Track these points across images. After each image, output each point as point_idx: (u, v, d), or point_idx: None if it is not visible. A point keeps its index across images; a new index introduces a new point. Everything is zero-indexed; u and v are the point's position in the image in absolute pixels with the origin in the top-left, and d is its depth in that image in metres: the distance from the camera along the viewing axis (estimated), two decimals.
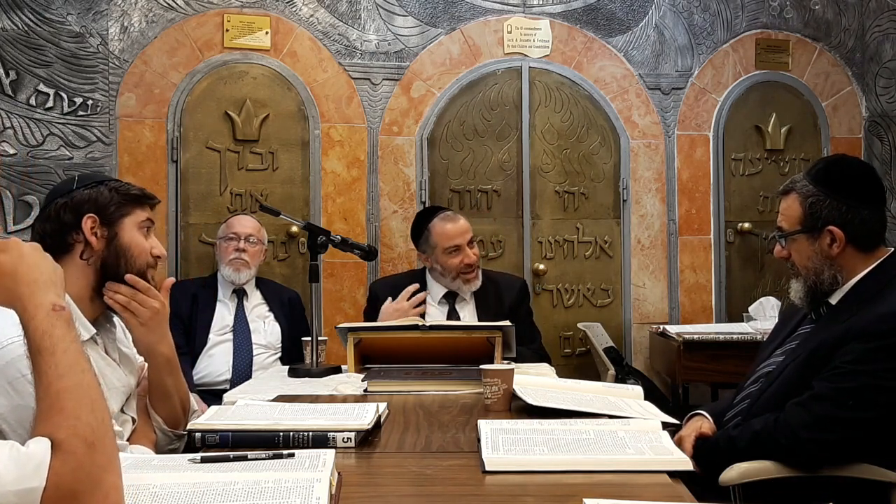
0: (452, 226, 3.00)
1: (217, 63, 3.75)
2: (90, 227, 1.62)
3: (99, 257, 1.63)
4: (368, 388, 2.16)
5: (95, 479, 0.95)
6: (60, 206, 1.63)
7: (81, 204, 1.63)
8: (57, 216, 1.62)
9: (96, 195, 1.65)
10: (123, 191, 1.69)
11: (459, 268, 2.96)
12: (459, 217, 3.07)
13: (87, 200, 1.64)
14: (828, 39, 4.19)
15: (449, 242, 2.96)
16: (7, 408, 1.32)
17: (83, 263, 1.62)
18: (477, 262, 3.00)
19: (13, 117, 3.53)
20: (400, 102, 3.91)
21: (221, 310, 3.28)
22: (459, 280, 2.97)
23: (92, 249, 1.62)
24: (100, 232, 1.63)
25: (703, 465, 1.77)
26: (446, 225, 3.01)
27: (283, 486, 1.11)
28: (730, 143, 4.11)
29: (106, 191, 1.66)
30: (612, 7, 4.06)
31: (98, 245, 1.62)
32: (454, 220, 3.03)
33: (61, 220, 1.62)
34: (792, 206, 1.92)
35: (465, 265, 2.96)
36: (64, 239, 1.61)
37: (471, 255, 2.96)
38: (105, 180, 1.70)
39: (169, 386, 1.74)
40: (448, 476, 1.38)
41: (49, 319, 1.05)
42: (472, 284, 2.99)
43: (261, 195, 3.75)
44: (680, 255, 4.07)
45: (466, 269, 2.96)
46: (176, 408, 1.76)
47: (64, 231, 1.62)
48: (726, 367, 3.34)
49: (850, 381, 1.71)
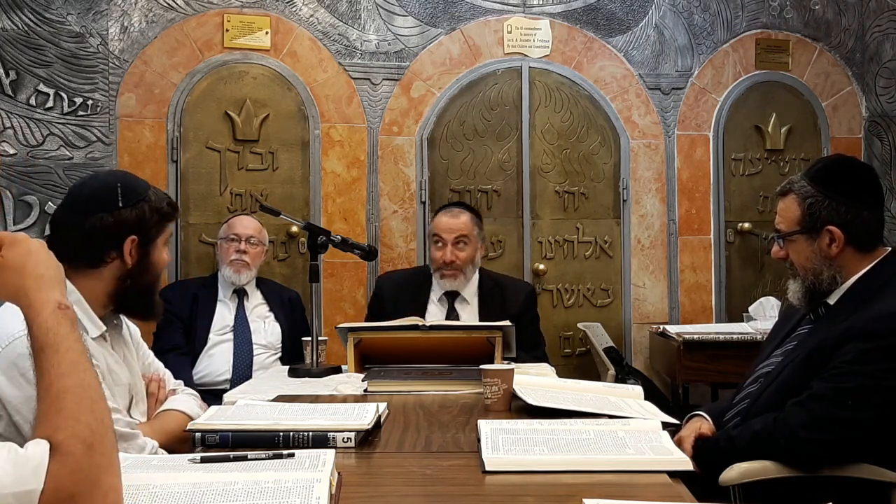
0: (445, 219, 3.01)
1: (217, 63, 3.75)
2: (129, 249, 1.62)
3: (127, 274, 1.64)
4: (368, 388, 2.16)
5: (94, 480, 0.95)
6: (107, 224, 1.60)
7: (127, 225, 1.62)
8: (99, 233, 1.60)
9: (141, 216, 1.63)
10: (161, 209, 1.68)
11: (438, 262, 2.97)
12: (461, 214, 3.03)
13: (133, 222, 1.62)
14: (828, 39, 4.19)
15: (434, 231, 3.01)
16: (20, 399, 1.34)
17: (110, 276, 1.62)
18: (455, 263, 2.94)
19: (13, 117, 3.53)
20: (400, 102, 3.91)
21: (222, 310, 3.28)
22: (438, 275, 2.97)
23: (124, 266, 1.63)
24: (136, 251, 1.64)
25: (703, 465, 1.77)
26: (442, 216, 3.04)
27: (282, 486, 1.11)
28: (730, 143, 4.11)
29: (148, 209, 1.65)
30: (612, 7, 4.06)
31: (130, 262, 1.63)
32: (450, 214, 3.03)
33: (103, 238, 1.60)
34: (790, 207, 1.92)
35: (444, 262, 2.95)
36: (100, 255, 1.61)
37: (448, 254, 2.94)
38: (145, 195, 1.66)
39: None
40: (448, 476, 1.38)
41: (54, 317, 1.05)
42: (448, 283, 2.97)
43: (261, 195, 3.75)
44: (680, 255, 4.07)
45: (443, 266, 2.95)
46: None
47: (103, 248, 1.61)
48: (726, 367, 3.34)
49: (849, 381, 1.71)
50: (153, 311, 1.73)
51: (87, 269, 1.60)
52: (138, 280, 1.65)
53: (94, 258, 1.60)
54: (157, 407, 1.81)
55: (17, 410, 1.37)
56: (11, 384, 1.39)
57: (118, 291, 1.64)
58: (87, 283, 1.60)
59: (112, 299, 1.65)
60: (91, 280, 1.61)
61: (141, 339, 1.88)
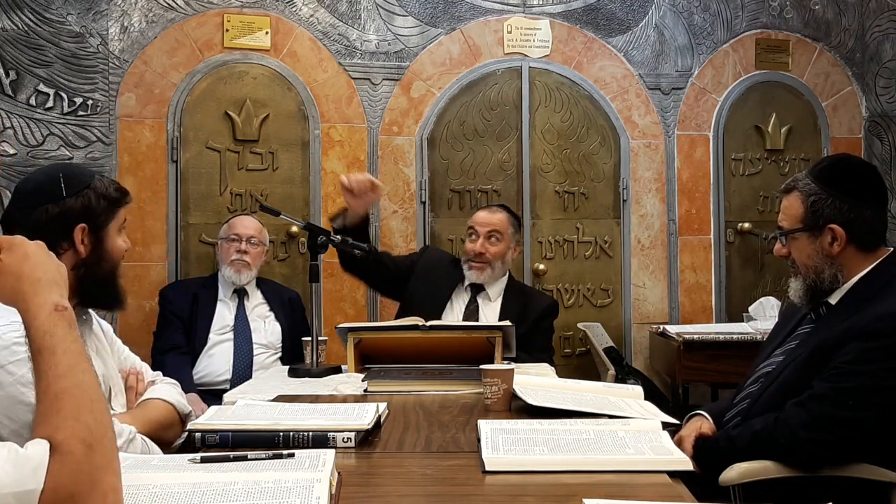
0: (482, 213, 3.14)
1: (217, 63, 3.75)
2: (80, 238, 1.61)
3: (82, 262, 1.62)
4: (368, 388, 2.16)
5: (94, 480, 0.95)
6: (53, 215, 1.59)
7: (73, 213, 1.61)
8: (46, 224, 1.59)
9: (87, 203, 1.62)
10: (108, 195, 1.66)
11: (469, 253, 3.04)
12: (499, 212, 3.14)
13: (79, 210, 1.61)
14: (828, 39, 4.19)
15: (470, 223, 3.12)
16: None
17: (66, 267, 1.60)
18: (485, 255, 3.02)
19: (13, 117, 3.53)
20: (400, 102, 3.91)
21: (222, 309, 3.28)
22: (466, 266, 3.04)
23: (78, 256, 1.62)
24: (87, 239, 1.63)
25: (703, 465, 1.77)
26: (480, 212, 3.17)
27: (282, 486, 1.11)
28: (730, 143, 4.11)
29: (93, 196, 1.63)
30: (612, 7, 4.06)
31: (84, 251, 1.62)
32: (489, 210, 3.16)
33: (50, 228, 1.58)
34: (793, 205, 1.92)
35: (473, 251, 3.03)
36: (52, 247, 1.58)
37: (479, 245, 3.03)
38: (90, 183, 1.65)
39: None
40: (448, 476, 1.38)
41: (51, 319, 1.05)
42: (475, 274, 3.03)
43: (261, 195, 3.75)
44: (680, 255, 4.07)
45: (473, 257, 3.03)
46: None
47: (52, 239, 1.55)
48: (726, 367, 3.34)
49: (849, 381, 1.71)
50: (117, 300, 1.71)
51: None
52: (94, 269, 1.63)
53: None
54: (138, 399, 1.80)
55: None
56: None
57: (76, 283, 1.61)
58: None
59: (74, 293, 1.62)
60: None
61: (115, 336, 1.87)
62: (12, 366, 1.32)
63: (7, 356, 1.33)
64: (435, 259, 3.20)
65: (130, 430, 1.57)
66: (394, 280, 3.11)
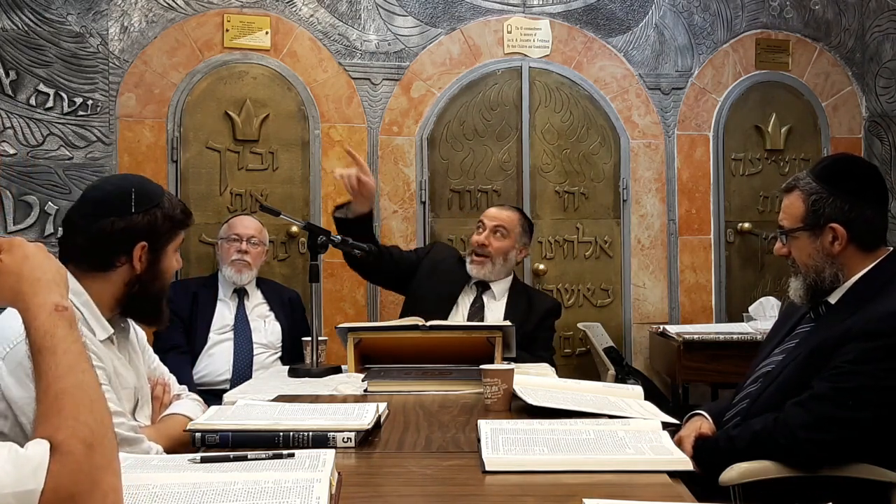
0: (493, 209, 3.18)
1: (217, 63, 3.75)
2: (139, 255, 1.62)
3: (137, 279, 1.64)
4: (368, 388, 2.16)
5: (94, 480, 0.95)
6: (118, 229, 1.60)
7: (138, 231, 1.62)
8: (109, 237, 1.59)
9: (153, 222, 1.63)
10: (174, 216, 1.68)
11: (473, 245, 3.06)
12: (510, 209, 3.19)
13: (144, 228, 1.62)
14: (828, 39, 4.18)
15: (479, 218, 3.13)
16: (26, 400, 1.35)
17: (119, 280, 1.62)
18: (487, 248, 3.03)
19: (13, 117, 3.53)
20: (400, 102, 3.91)
21: (222, 309, 3.28)
22: (469, 259, 3.06)
23: (133, 272, 1.63)
24: (145, 257, 1.64)
25: (703, 465, 1.77)
26: (491, 208, 3.20)
27: (282, 486, 1.11)
28: (730, 143, 4.11)
29: (160, 216, 1.64)
30: (612, 7, 4.06)
31: (140, 268, 1.63)
32: (499, 207, 3.23)
33: (113, 242, 1.60)
34: (794, 204, 1.92)
35: (476, 243, 3.04)
36: (110, 259, 1.61)
37: (482, 237, 3.04)
38: (159, 202, 1.66)
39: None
40: (448, 476, 1.38)
41: (51, 319, 1.05)
42: (475, 269, 3.04)
43: (261, 195, 3.75)
44: (680, 255, 4.07)
45: (476, 249, 3.04)
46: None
47: (113, 252, 1.61)
48: (726, 367, 3.34)
49: (849, 381, 1.71)
50: (160, 318, 1.74)
51: (95, 272, 1.61)
52: (147, 286, 1.65)
53: (103, 262, 1.60)
54: (162, 411, 1.81)
55: (23, 411, 1.37)
56: (19, 385, 1.39)
57: (126, 296, 1.64)
58: (95, 285, 1.60)
59: (119, 303, 1.65)
60: (99, 283, 1.61)
61: (147, 343, 1.89)
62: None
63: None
64: (442, 257, 3.20)
65: (158, 449, 1.59)
66: (398, 274, 3.12)
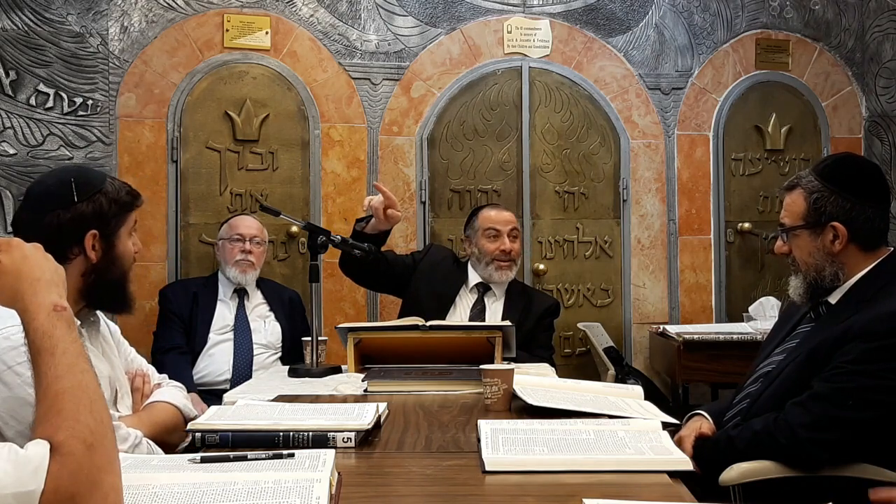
0: (496, 212, 3.20)
1: (217, 63, 3.75)
2: (91, 244, 1.60)
3: (93, 268, 1.62)
4: (368, 388, 2.16)
5: (94, 480, 0.95)
6: (64, 220, 1.58)
7: (85, 219, 1.60)
8: (58, 230, 1.57)
9: (98, 209, 1.61)
10: (120, 199, 1.65)
11: (495, 253, 3.07)
12: (507, 211, 3.23)
13: (91, 216, 1.60)
14: (828, 39, 4.18)
15: (489, 224, 3.13)
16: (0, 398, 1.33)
17: (75, 272, 1.59)
18: (514, 254, 3.09)
19: (13, 117, 3.53)
20: (400, 102, 3.91)
21: (222, 309, 3.29)
22: (493, 266, 3.07)
23: (88, 261, 1.61)
24: (98, 245, 1.62)
25: (703, 465, 1.77)
26: (491, 211, 3.21)
27: (283, 486, 1.11)
28: (730, 143, 4.11)
29: (105, 201, 1.62)
30: (612, 7, 4.06)
31: (95, 257, 1.61)
32: (499, 209, 3.24)
33: (62, 234, 1.57)
34: (796, 202, 1.92)
35: (501, 251, 3.07)
36: (63, 252, 1.57)
37: (507, 243, 3.08)
38: (101, 187, 1.64)
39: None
40: (448, 476, 1.38)
41: (50, 320, 1.05)
42: (504, 274, 3.08)
43: (261, 195, 3.75)
44: (680, 255, 4.07)
45: (501, 256, 3.07)
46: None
47: (63, 245, 1.57)
48: (726, 367, 3.34)
49: (849, 381, 1.71)
50: (126, 304, 1.70)
51: None
52: (104, 274, 1.62)
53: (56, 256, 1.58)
54: (144, 401, 1.80)
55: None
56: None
57: (86, 287, 1.61)
58: None
59: (83, 295, 1.62)
60: None
61: (122, 338, 1.87)
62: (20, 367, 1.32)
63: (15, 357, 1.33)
64: (439, 258, 3.21)
65: (137, 435, 1.57)
66: (395, 278, 3.12)
